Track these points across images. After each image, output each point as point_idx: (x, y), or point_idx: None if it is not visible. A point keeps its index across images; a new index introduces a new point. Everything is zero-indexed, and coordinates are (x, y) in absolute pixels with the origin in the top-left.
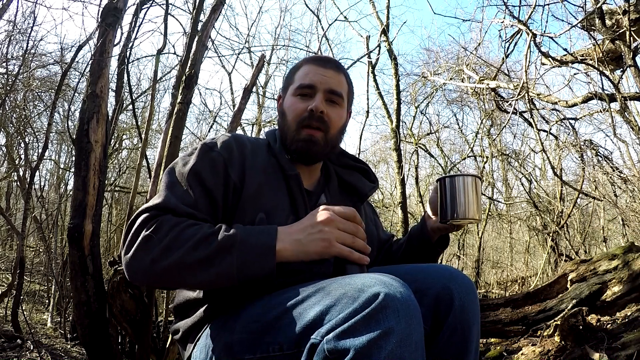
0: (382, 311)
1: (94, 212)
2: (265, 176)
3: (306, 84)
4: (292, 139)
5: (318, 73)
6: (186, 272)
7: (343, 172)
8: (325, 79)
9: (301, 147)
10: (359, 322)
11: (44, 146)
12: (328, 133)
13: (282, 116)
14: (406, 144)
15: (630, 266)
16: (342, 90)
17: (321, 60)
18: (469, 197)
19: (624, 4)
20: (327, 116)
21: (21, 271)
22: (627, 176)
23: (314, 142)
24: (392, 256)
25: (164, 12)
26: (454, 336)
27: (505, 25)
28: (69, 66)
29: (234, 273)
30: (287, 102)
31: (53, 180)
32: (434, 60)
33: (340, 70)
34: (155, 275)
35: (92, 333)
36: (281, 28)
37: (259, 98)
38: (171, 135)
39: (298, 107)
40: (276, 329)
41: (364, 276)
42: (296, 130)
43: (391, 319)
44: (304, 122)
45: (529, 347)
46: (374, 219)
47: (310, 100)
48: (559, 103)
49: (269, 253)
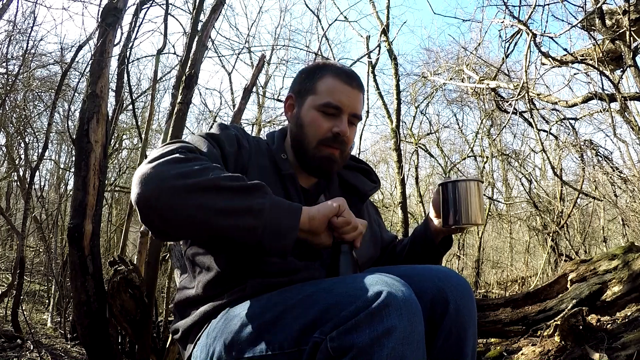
0: (385, 309)
1: (94, 212)
2: (261, 175)
3: (334, 104)
4: (312, 156)
5: (345, 94)
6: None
7: (344, 172)
8: (352, 101)
9: (322, 165)
10: (361, 320)
11: (44, 146)
12: (345, 151)
13: (299, 127)
14: (406, 144)
15: (630, 266)
16: (361, 112)
17: (348, 76)
18: (472, 202)
19: (624, 4)
20: (347, 137)
21: (21, 271)
22: (627, 176)
23: (334, 161)
24: (396, 257)
25: (164, 12)
26: (450, 339)
27: (505, 25)
28: (69, 66)
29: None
30: (309, 116)
31: (53, 180)
32: (434, 60)
33: (362, 89)
34: (172, 192)
35: (92, 333)
36: (281, 28)
37: (259, 98)
38: (171, 135)
39: (322, 125)
40: (276, 328)
41: (366, 276)
42: (316, 147)
43: (394, 317)
44: (326, 142)
45: (529, 347)
46: (377, 220)
47: (335, 120)
48: (559, 103)
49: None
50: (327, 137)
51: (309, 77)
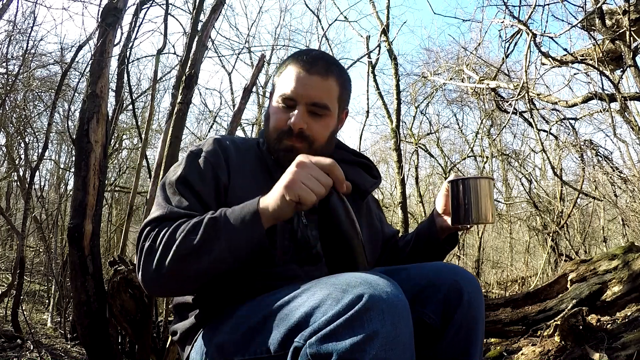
0: (366, 313)
1: (94, 212)
2: (252, 178)
3: (287, 95)
4: (273, 148)
5: (301, 82)
6: (185, 265)
7: (343, 166)
8: (308, 89)
9: (282, 157)
10: (341, 325)
11: (44, 146)
12: (313, 145)
13: (265, 120)
14: (406, 144)
15: (630, 266)
16: (327, 100)
17: (307, 62)
18: (483, 200)
19: (624, 4)
20: (309, 130)
21: (21, 271)
22: (627, 176)
23: (296, 152)
24: (398, 253)
25: (164, 12)
26: (462, 330)
27: (505, 25)
28: (69, 66)
29: (227, 256)
30: (270, 110)
31: (53, 180)
32: (434, 60)
33: (328, 74)
34: (164, 279)
35: (92, 333)
36: (281, 28)
37: (259, 98)
38: (171, 135)
39: (279, 117)
40: (264, 331)
41: (350, 275)
42: (276, 139)
43: (375, 322)
44: (284, 135)
45: (529, 347)
46: (378, 215)
47: (293, 111)
48: (559, 103)
49: (253, 219)
50: (282, 131)
51: (277, 71)
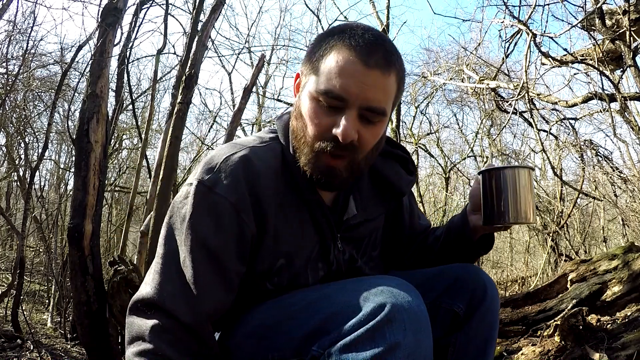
0: (388, 324)
1: (94, 212)
2: (279, 207)
3: (336, 93)
4: (307, 162)
5: (357, 77)
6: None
7: (380, 163)
8: (365, 89)
9: (318, 178)
10: (362, 335)
11: (44, 146)
12: (356, 157)
13: (298, 118)
14: (406, 144)
15: (630, 266)
16: (385, 103)
17: (364, 49)
18: (522, 195)
19: (624, 4)
20: (359, 141)
21: (21, 271)
22: (627, 176)
23: (335, 175)
24: (428, 250)
25: (164, 12)
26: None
27: (505, 25)
28: (69, 66)
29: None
30: (307, 107)
31: (53, 180)
32: (434, 60)
33: (390, 68)
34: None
35: (92, 333)
36: (281, 28)
37: (259, 98)
38: (171, 135)
39: (321, 122)
40: (277, 336)
41: (371, 282)
42: (314, 154)
43: (398, 333)
44: (325, 148)
45: (529, 347)
46: (409, 207)
47: (338, 115)
48: (559, 103)
49: None
50: (325, 138)
51: (318, 47)
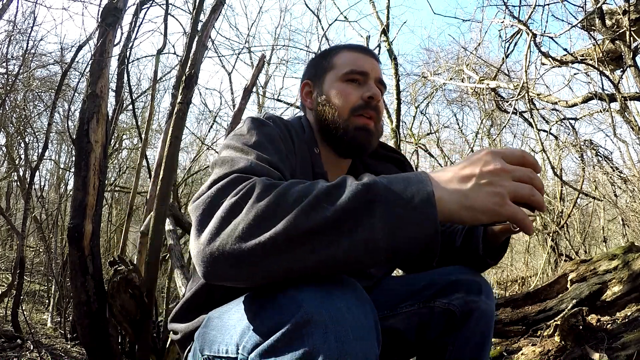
0: (305, 326)
1: (94, 212)
2: (301, 160)
3: (359, 70)
4: (345, 128)
5: (366, 60)
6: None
7: (372, 162)
8: (374, 67)
9: (358, 137)
10: (279, 339)
11: (44, 146)
12: (378, 123)
13: (325, 105)
14: (406, 144)
15: (630, 266)
16: None
17: (362, 49)
18: None
19: (624, 4)
20: (380, 105)
21: (21, 271)
22: (627, 176)
23: (370, 132)
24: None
25: (164, 12)
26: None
27: (505, 25)
28: (69, 66)
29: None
30: (334, 89)
31: (53, 180)
32: (434, 60)
33: (379, 61)
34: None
35: (92, 333)
36: (281, 28)
37: (259, 98)
38: (171, 135)
39: (351, 93)
40: (225, 329)
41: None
42: (349, 119)
43: (316, 337)
44: (358, 110)
45: (529, 347)
46: None
47: (362, 87)
48: (559, 103)
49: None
50: (359, 105)
51: (323, 58)
